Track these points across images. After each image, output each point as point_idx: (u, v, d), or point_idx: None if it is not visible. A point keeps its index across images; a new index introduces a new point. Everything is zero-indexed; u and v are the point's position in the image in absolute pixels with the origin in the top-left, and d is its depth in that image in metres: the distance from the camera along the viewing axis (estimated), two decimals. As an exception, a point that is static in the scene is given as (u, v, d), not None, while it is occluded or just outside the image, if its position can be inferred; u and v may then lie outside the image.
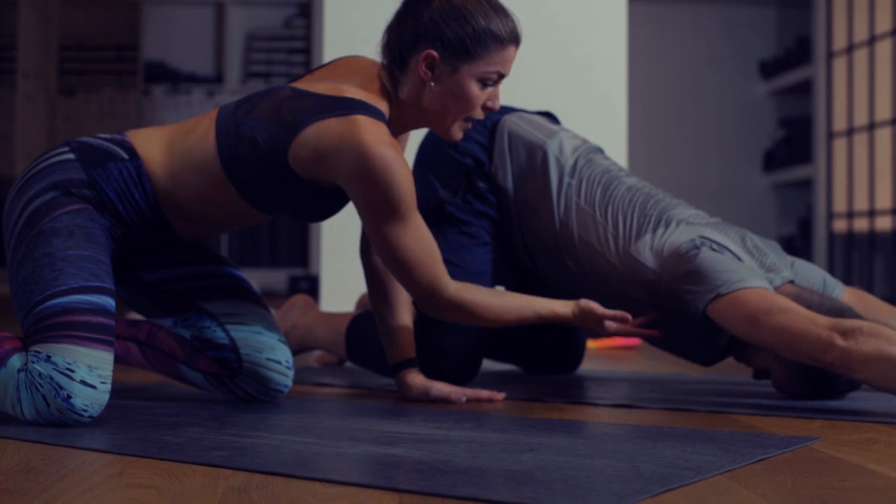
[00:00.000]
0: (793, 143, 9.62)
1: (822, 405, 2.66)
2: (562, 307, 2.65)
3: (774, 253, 2.80)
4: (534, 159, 2.92)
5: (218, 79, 9.95)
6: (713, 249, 2.67)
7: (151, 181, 2.40)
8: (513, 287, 3.04)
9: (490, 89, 2.45)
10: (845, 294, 2.88)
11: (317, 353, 3.62)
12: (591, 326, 2.67)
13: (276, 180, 2.38)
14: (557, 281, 2.95)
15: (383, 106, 2.44)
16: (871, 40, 8.24)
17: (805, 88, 9.54)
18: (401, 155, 2.34)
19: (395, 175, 2.31)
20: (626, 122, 4.37)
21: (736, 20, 10.10)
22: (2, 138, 9.06)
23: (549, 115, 3.15)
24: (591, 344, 4.24)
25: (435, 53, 2.40)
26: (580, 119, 4.29)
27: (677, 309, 2.74)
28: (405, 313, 2.72)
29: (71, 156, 2.39)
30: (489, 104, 2.46)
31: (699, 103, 10.09)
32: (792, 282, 2.76)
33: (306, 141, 2.32)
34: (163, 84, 9.83)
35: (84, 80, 9.85)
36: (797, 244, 9.67)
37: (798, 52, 9.48)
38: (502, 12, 2.44)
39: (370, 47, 4.15)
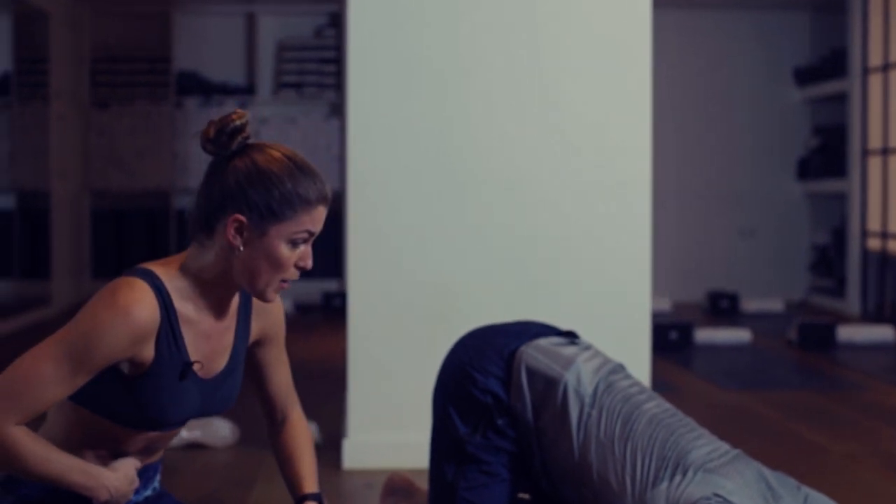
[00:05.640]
0: (827, 152, 9.56)
1: None
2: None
3: (789, 494, 2.82)
4: (553, 394, 2.95)
5: (250, 90, 9.96)
6: (726, 511, 2.70)
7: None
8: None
9: (302, 248, 2.38)
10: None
11: None
12: None
13: (90, 380, 2.32)
14: (575, 507, 2.99)
15: (172, 274, 2.37)
16: (907, 66, 8.16)
17: (841, 98, 9.46)
18: (137, 321, 2.26)
19: (109, 319, 2.24)
20: (651, 133, 4.24)
21: (769, 26, 10.00)
22: (36, 154, 9.11)
23: (569, 334, 3.15)
24: None
25: (243, 218, 2.32)
26: (604, 130, 4.24)
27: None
28: (300, 451, 2.67)
29: None
30: (301, 263, 2.38)
31: (732, 110, 10.03)
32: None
33: None
34: (195, 96, 9.85)
35: (117, 93, 9.89)
36: (830, 255, 9.64)
37: (833, 62, 9.38)
38: (309, 173, 2.36)
39: (394, 55, 4.13)
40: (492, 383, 2.98)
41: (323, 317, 9.04)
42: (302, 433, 2.68)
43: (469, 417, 2.97)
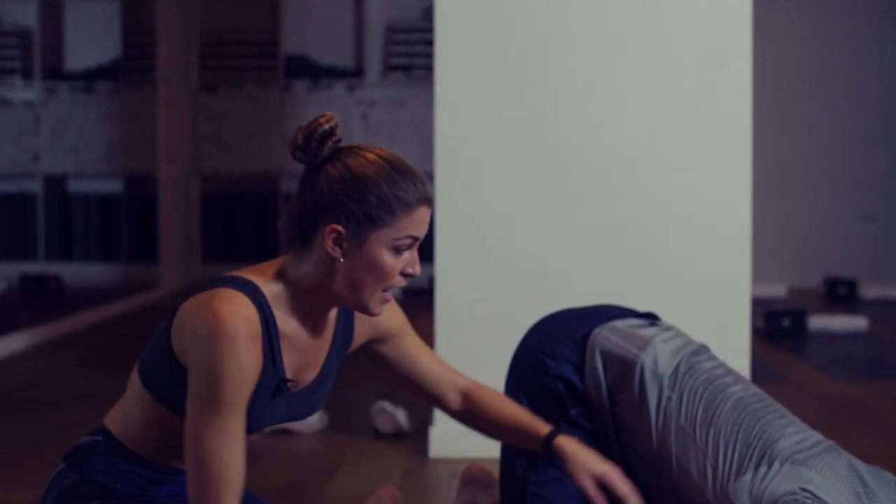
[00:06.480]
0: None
1: None
2: None
3: (885, 491, 2.63)
4: (630, 377, 2.79)
5: (358, 72, 9.90)
6: (814, 509, 2.52)
7: (127, 446, 2.33)
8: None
9: (407, 254, 2.25)
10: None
11: None
12: None
13: (172, 377, 2.23)
14: (651, 496, 2.83)
15: (271, 286, 2.26)
16: None
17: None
18: (248, 337, 2.14)
19: (225, 350, 2.11)
20: (751, 113, 4.06)
21: (892, 0, 9.68)
22: (144, 138, 9.15)
23: (648, 316, 2.99)
24: None
25: (340, 227, 2.20)
26: (702, 110, 4.08)
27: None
28: (506, 403, 2.67)
29: (62, 465, 2.37)
30: (409, 270, 2.25)
31: (853, 90, 9.74)
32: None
33: (177, 315, 2.21)
34: (303, 79, 9.83)
35: (225, 77, 9.90)
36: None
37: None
38: (407, 174, 2.23)
39: (482, 32, 4.04)
40: (564, 369, 2.83)
41: (429, 301, 8.95)
42: (489, 391, 2.65)
43: (541, 406, 2.83)
